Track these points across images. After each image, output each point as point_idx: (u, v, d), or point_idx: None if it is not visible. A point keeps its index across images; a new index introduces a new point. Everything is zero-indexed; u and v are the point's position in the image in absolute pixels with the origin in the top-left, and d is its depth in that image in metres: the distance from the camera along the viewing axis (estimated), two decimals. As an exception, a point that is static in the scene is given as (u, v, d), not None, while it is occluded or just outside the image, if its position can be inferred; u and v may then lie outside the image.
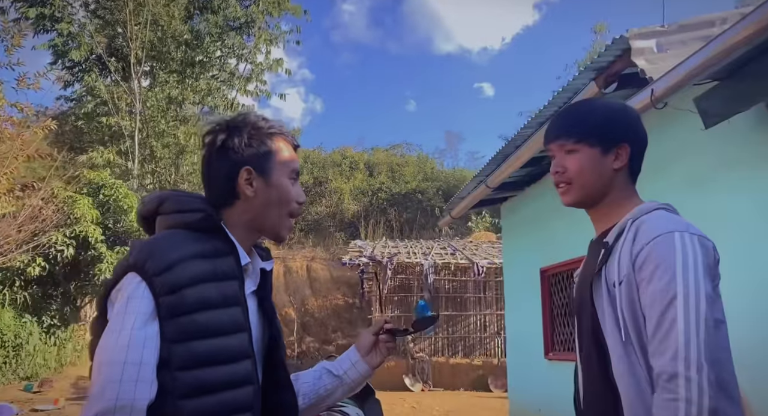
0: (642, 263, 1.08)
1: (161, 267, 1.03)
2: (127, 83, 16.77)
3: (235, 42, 18.04)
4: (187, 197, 1.21)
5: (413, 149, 31.79)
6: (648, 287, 1.06)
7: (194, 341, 1.03)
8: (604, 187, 1.24)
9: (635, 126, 1.26)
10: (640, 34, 2.94)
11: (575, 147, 1.24)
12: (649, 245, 1.08)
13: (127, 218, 11.08)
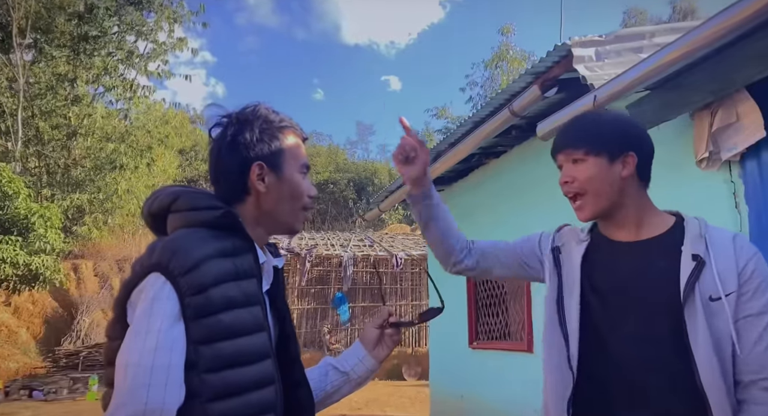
0: (749, 277, 1.17)
1: (186, 267, 0.98)
2: (7, 55, 15.12)
3: (134, 17, 16.84)
4: (200, 193, 1.15)
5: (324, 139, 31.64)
6: (755, 298, 1.16)
7: (221, 342, 1.00)
8: (617, 195, 1.27)
9: (640, 136, 1.30)
10: (581, 43, 3.14)
11: (582, 157, 1.27)
12: (754, 260, 1.19)
13: (12, 205, 10.04)
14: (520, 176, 4.71)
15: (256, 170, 1.13)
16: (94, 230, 15.99)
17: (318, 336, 10.34)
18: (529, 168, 4.57)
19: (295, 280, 10.52)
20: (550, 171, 4.81)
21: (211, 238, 1.06)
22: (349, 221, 20.75)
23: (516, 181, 4.76)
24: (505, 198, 4.91)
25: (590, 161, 1.27)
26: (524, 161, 4.66)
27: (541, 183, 4.36)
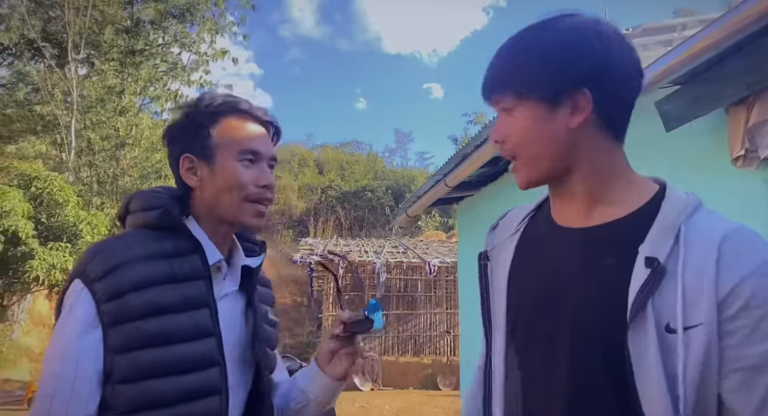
0: (742, 307, 0.71)
1: (102, 271, 0.94)
2: (63, 70, 15.87)
3: (177, 30, 17.41)
4: (155, 193, 1.10)
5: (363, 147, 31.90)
6: (749, 343, 0.71)
7: (139, 350, 0.94)
8: (564, 155, 0.84)
9: (598, 58, 0.81)
10: (605, 37, 2.99)
11: (512, 105, 0.86)
12: (753, 279, 0.71)
13: (62, 212, 10.49)
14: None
15: (185, 164, 1.08)
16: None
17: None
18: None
19: (330, 286, 10.55)
20: None
21: (148, 239, 1.02)
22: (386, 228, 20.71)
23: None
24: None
25: (522, 110, 0.85)
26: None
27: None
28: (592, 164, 0.84)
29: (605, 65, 0.81)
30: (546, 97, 0.83)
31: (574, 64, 0.81)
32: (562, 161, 0.85)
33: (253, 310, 1.13)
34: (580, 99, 0.81)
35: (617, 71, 0.82)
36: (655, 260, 0.76)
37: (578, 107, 0.81)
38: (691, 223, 0.78)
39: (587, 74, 0.81)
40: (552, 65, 0.82)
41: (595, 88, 0.81)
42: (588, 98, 0.81)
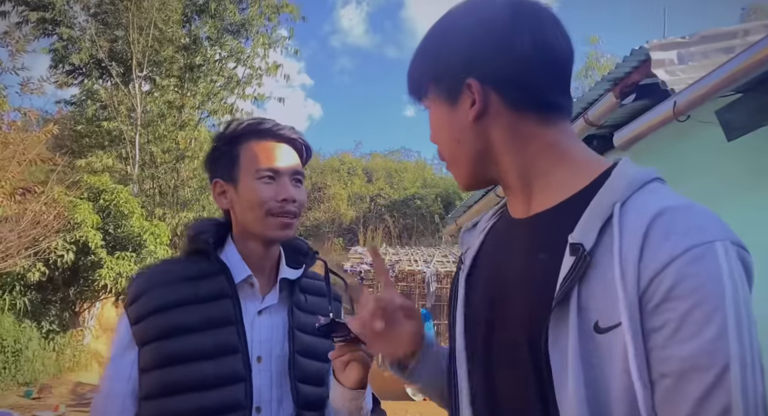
0: (664, 298, 0.59)
1: (133, 296, 1.08)
2: (127, 87, 16.75)
3: (233, 46, 18.06)
4: (199, 222, 1.22)
5: (411, 154, 31.89)
6: (672, 343, 0.58)
7: (158, 369, 1.02)
8: (477, 153, 0.77)
9: (478, 43, 0.74)
10: (661, 46, 2.94)
11: (426, 105, 0.82)
12: (676, 264, 0.59)
13: (128, 223, 11.03)
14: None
15: (216, 189, 1.17)
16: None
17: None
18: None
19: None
20: None
21: (179, 265, 1.12)
22: (436, 236, 20.63)
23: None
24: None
25: (432, 111, 0.81)
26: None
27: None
28: (513, 152, 0.75)
29: (485, 48, 0.73)
30: (440, 95, 0.78)
31: (449, 56, 0.76)
32: (481, 158, 0.77)
33: (291, 321, 1.14)
34: (469, 90, 0.74)
35: (505, 49, 0.72)
36: (580, 246, 0.65)
37: (472, 97, 0.74)
38: (630, 202, 0.66)
39: (467, 63, 0.74)
40: (431, 62, 0.79)
41: (484, 75, 0.73)
42: (477, 88, 0.73)
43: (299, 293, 1.19)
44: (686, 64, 2.90)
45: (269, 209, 1.12)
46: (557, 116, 0.75)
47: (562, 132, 0.76)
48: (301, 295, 1.19)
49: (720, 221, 0.63)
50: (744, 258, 0.61)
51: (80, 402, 8.86)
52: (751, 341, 0.57)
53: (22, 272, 9.01)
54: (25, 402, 8.19)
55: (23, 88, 7.77)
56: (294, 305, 1.17)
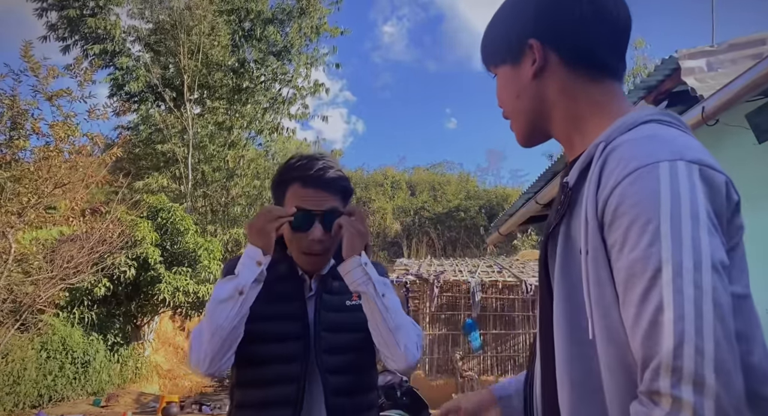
0: (611, 220, 0.67)
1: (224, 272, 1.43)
2: (179, 111, 17.62)
3: (276, 67, 18.72)
4: None
5: (454, 167, 31.95)
6: (620, 257, 0.66)
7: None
8: (536, 108, 0.86)
9: (539, 5, 0.84)
10: (690, 54, 3.05)
11: (494, 72, 0.93)
12: (620, 187, 0.67)
13: (183, 240, 11.58)
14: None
15: None
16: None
17: (450, 363, 10.41)
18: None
19: (425, 306, 10.76)
20: None
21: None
22: (481, 247, 20.57)
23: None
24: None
25: (499, 75, 0.92)
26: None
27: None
28: (563, 106, 0.83)
29: (549, 12, 0.83)
30: (505, 58, 0.88)
31: (515, 22, 0.87)
32: (537, 112, 0.86)
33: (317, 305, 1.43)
34: (531, 50, 0.84)
35: (566, 14, 0.82)
36: (566, 184, 0.77)
37: (531, 57, 0.84)
38: (614, 142, 0.72)
39: (531, 26, 0.84)
40: (498, 29, 0.90)
41: (545, 35, 0.83)
42: (538, 47, 0.83)
43: (330, 280, 1.46)
44: (715, 72, 2.99)
45: (299, 248, 1.41)
46: (607, 77, 0.83)
47: (610, 91, 0.82)
48: (334, 282, 1.45)
49: (675, 144, 0.69)
50: (706, 174, 0.66)
51: (144, 411, 9.35)
52: (694, 245, 0.61)
53: (90, 288, 9.61)
54: (94, 410, 8.73)
55: (90, 115, 8.38)
56: (322, 292, 1.44)
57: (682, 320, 0.59)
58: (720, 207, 0.66)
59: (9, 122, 7.52)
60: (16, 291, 7.44)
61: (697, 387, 0.57)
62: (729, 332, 0.60)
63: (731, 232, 0.69)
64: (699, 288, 0.60)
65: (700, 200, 0.64)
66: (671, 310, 0.60)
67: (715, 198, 0.66)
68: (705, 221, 0.63)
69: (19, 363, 7.89)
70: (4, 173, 7.17)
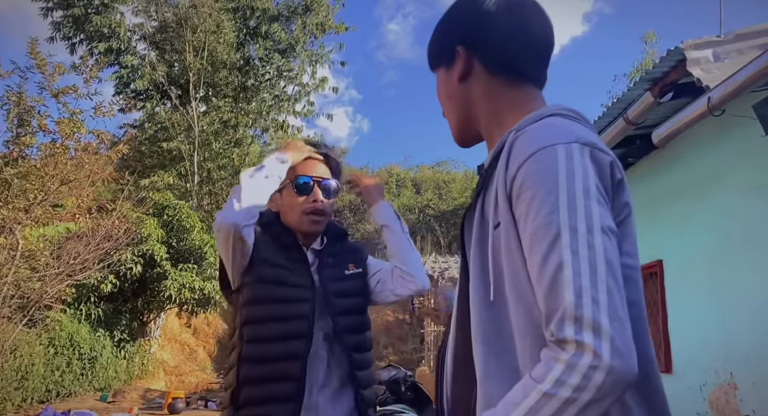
0: (517, 195, 0.77)
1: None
2: (185, 108, 17.66)
3: (281, 64, 18.72)
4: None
5: (459, 165, 31.89)
6: (526, 225, 0.75)
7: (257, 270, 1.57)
8: (463, 108, 0.96)
9: (472, 14, 0.93)
10: (696, 45, 3.03)
11: (435, 75, 1.03)
12: (524, 166, 0.76)
13: (189, 237, 11.62)
14: (651, 188, 4.50)
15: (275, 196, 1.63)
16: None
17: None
18: (660, 178, 4.35)
19: (431, 303, 10.75)
20: (684, 181, 4.60)
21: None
22: (486, 243, 20.54)
23: (647, 193, 4.55)
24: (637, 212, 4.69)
25: (437, 77, 1.01)
26: (655, 171, 4.46)
27: (675, 194, 4.15)
28: (485, 107, 0.93)
29: (475, 25, 0.93)
30: (440, 62, 0.98)
31: (448, 30, 0.97)
32: (465, 112, 0.96)
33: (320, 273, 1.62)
34: (457, 56, 0.94)
35: (491, 28, 0.92)
36: (482, 167, 0.91)
37: (458, 62, 0.94)
38: (517, 135, 0.82)
39: (459, 35, 0.94)
40: (437, 36, 1.00)
41: (471, 45, 0.92)
42: (463, 54, 0.93)
43: (325, 256, 1.67)
44: (722, 62, 2.97)
45: (304, 210, 1.60)
46: (525, 82, 0.93)
47: (527, 94, 0.92)
48: (328, 258, 1.66)
49: (571, 130, 0.79)
50: (595, 155, 0.76)
51: (150, 407, 9.40)
52: (587, 213, 0.71)
53: (96, 284, 9.66)
54: (101, 405, 8.79)
55: (96, 112, 8.41)
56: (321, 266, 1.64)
57: (579, 276, 0.68)
58: (606, 184, 0.76)
59: (16, 119, 7.56)
60: (24, 287, 7.49)
61: (596, 331, 0.65)
62: (619, 284, 0.69)
63: (617, 208, 0.78)
64: (592, 248, 0.69)
65: (591, 176, 0.73)
66: (569, 268, 0.68)
67: (602, 175, 0.75)
68: (595, 193, 0.73)
69: (27, 358, 7.95)
70: (11, 169, 7.20)
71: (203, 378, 13.39)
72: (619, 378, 0.65)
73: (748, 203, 3.15)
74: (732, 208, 3.31)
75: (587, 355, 0.65)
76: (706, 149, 3.41)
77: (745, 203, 3.19)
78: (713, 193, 3.51)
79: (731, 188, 3.17)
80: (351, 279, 1.66)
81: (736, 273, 3.38)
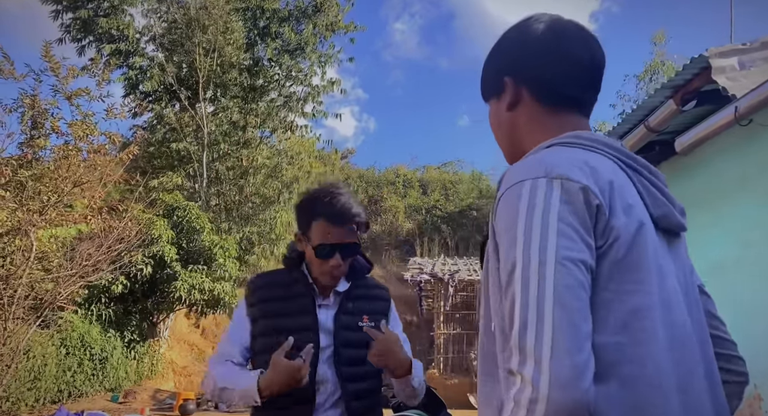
0: (494, 230, 0.83)
1: (250, 291, 1.72)
2: (194, 110, 17.71)
3: (291, 65, 18.73)
4: (290, 249, 1.77)
5: (466, 166, 31.86)
6: (498, 259, 0.81)
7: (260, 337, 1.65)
8: (510, 136, 1.00)
9: (517, 46, 0.98)
10: (721, 53, 3.02)
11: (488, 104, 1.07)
12: (497, 204, 0.84)
13: (199, 238, 11.65)
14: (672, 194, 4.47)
15: (298, 236, 1.69)
16: (263, 259, 17.83)
17: (465, 362, 10.38)
18: (683, 185, 4.33)
19: (439, 305, 10.74)
20: (708, 188, 4.57)
21: (276, 273, 1.80)
22: (495, 246, 20.50)
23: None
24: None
25: (490, 107, 1.06)
26: (676, 177, 4.43)
27: (699, 201, 4.13)
28: (530, 134, 0.96)
29: (524, 52, 0.97)
30: (491, 93, 1.03)
31: (496, 62, 1.02)
32: (513, 138, 1.00)
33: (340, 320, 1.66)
34: (505, 86, 0.98)
35: (536, 58, 0.96)
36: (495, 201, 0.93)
37: (505, 93, 0.98)
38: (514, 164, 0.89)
39: (506, 65, 0.99)
40: (487, 68, 1.04)
41: (518, 73, 0.96)
42: (511, 84, 0.97)
43: (346, 301, 1.69)
44: (747, 70, 2.95)
45: (321, 270, 1.65)
46: (568, 108, 0.96)
47: (563, 120, 0.95)
48: (348, 303, 1.69)
49: (542, 163, 0.81)
50: (566, 186, 0.78)
51: (161, 407, 9.44)
52: (541, 246, 0.74)
53: (107, 285, 9.71)
54: (113, 405, 8.83)
55: (108, 114, 8.45)
56: (340, 311, 1.67)
57: (526, 308, 0.72)
58: (580, 212, 0.77)
59: (30, 121, 7.60)
60: (37, 288, 7.53)
61: (537, 364, 0.69)
62: (570, 314, 0.71)
63: (600, 233, 0.79)
64: (543, 280, 0.72)
65: (552, 209, 0.76)
66: (518, 301, 0.73)
67: (574, 205, 0.77)
68: (555, 225, 0.75)
69: (39, 359, 8.00)
70: (26, 171, 7.24)
71: (212, 378, 13.43)
72: (560, 408, 0.67)
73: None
74: (757, 216, 3.29)
75: (527, 389, 0.69)
76: (731, 156, 3.39)
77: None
78: (738, 200, 3.49)
79: (756, 196, 3.14)
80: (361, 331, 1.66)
81: (760, 282, 3.35)
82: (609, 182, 0.81)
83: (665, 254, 0.87)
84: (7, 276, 7.04)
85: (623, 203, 0.81)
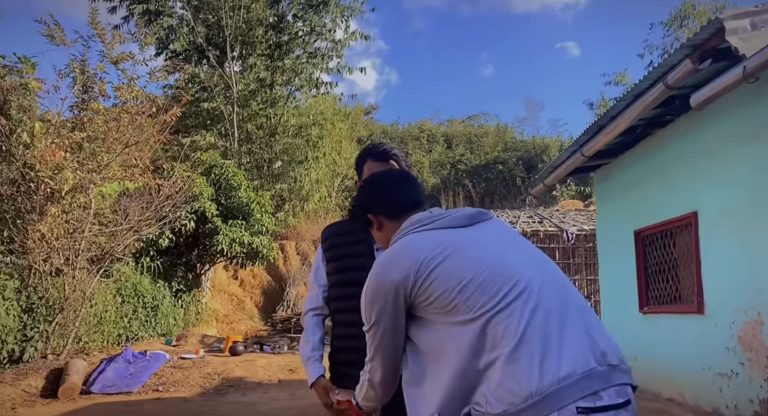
0: None
1: (323, 239, 2.11)
2: (222, 69, 18.02)
3: (314, 20, 18.76)
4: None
5: (491, 119, 31.73)
6: None
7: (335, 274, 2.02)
8: (388, 241, 1.51)
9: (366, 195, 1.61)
10: (734, 15, 3.27)
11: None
12: None
13: (236, 194, 12.24)
14: (688, 144, 4.78)
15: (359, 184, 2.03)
16: (292, 216, 18.49)
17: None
18: (698, 136, 4.63)
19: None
20: (719, 137, 4.93)
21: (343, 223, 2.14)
22: (518, 199, 20.74)
23: (685, 149, 4.83)
24: (674, 167, 5.00)
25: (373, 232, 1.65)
26: (692, 129, 4.72)
27: (711, 150, 4.44)
28: (389, 236, 1.48)
29: (368, 200, 1.56)
30: (369, 225, 1.58)
31: (361, 207, 1.57)
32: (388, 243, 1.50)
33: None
34: (372, 219, 1.53)
35: (371, 197, 1.55)
36: None
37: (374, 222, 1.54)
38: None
39: (366, 207, 1.55)
40: (357, 212, 1.59)
41: (372, 210, 1.53)
42: (372, 216, 1.53)
43: None
44: (758, 31, 3.21)
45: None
46: (402, 215, 1.47)
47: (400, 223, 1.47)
48: None
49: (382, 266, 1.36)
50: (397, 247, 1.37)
51: (210, 349, 10.28)
52: (372, 311, 1.33)
53: (155, 239, 10.41)
54: (168, 348, 9.67)
55: (151, 77, 8.90)
56: None
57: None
58: (406, 291, 1.28)
59: (81, 86, 8.09)
60: (97, 242, 8.23)
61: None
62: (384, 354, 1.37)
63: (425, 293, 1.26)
64: (373, 340, 1.36)
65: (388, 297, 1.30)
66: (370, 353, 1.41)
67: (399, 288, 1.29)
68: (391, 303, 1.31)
69: (101, 305, 8.78)
70: (81, 133, 7.79)
71: (252, 325, 14.33)
72: None
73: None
74: (765, 162, 3.60)
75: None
76: (739, 113, 3.67)
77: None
78: (749, 150, 3.80)
79: (764, 145, 3.45)
80: None
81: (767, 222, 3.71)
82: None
83: None
84: (73, 230, 7.71)
85: None
